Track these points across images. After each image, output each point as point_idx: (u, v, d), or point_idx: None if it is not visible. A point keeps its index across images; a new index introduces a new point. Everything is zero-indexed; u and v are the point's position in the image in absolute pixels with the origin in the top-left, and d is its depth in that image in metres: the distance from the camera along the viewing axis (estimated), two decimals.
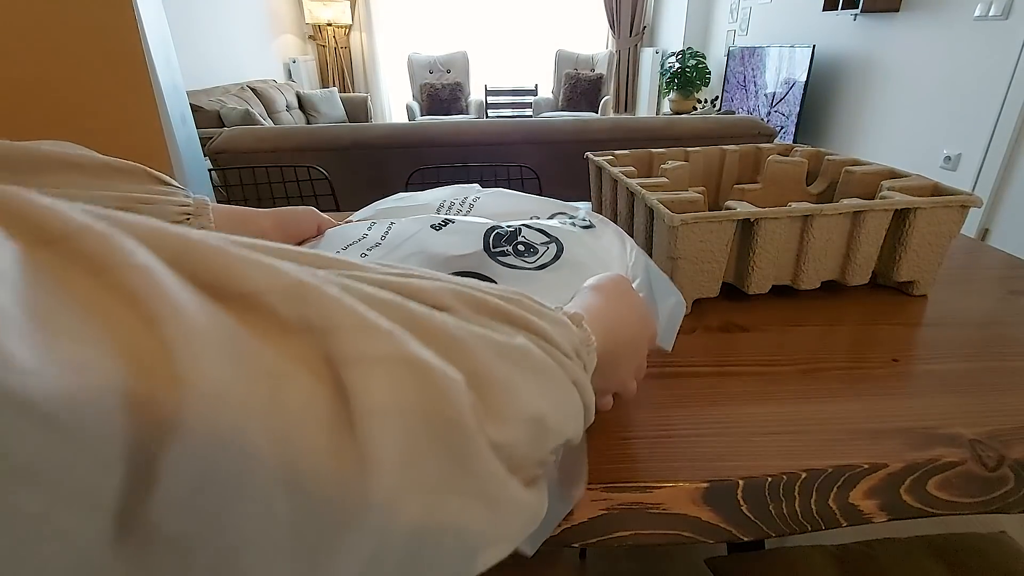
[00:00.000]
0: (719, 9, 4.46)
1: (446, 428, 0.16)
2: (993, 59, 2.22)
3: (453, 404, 0.17)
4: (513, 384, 0.20)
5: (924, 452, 0.37)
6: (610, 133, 1.85)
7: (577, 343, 0.25)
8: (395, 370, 0.16)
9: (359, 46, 5.34)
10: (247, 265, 0.14)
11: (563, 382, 0.23)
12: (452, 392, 0.17)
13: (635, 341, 0.34)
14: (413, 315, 0.18)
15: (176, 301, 0.12)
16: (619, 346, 0.32)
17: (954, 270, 0.65)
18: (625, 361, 0.33)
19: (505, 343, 0.20)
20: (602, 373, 0.30)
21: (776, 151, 0.79)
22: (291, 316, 0.14)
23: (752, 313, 0.56)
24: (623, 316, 0.33)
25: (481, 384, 0.18)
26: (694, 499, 0.35)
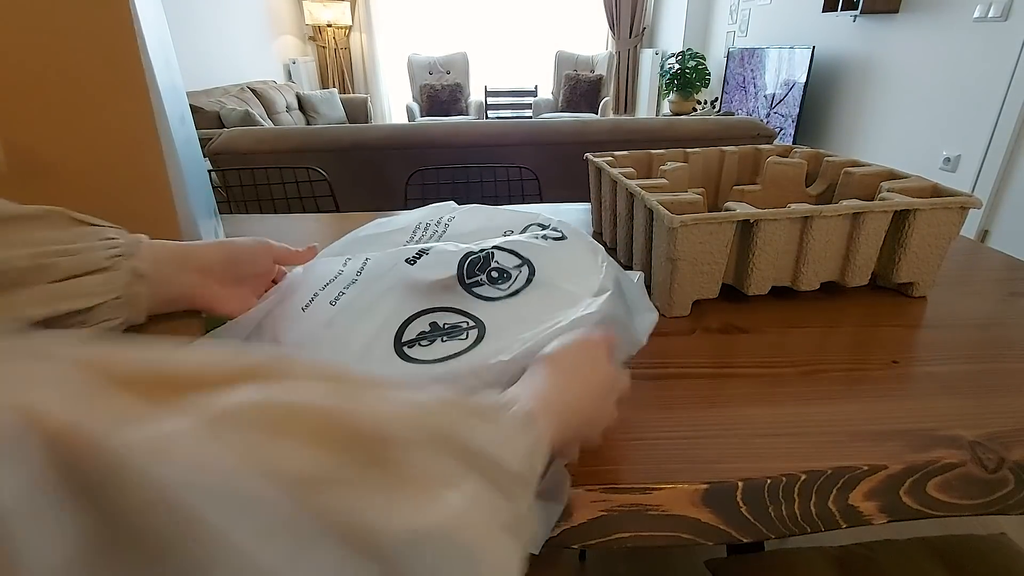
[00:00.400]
0: (719, 10, 4.46)
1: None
2: (992, 60, 2.23)
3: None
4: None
5: (924, 454, 0.37)
6: (610, 134, 1.85)
7: (528, 450, 0.25)
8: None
9: (359, 47, 5.35)
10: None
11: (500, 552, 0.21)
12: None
13: (597, 412, 0.34)
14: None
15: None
16: (580, 424, 0.32)
17: (954, 272, 0.65)
18: (587, 430, 0.33)
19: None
20: (561, 449, 0.31)
21: (775, 152, 0.79)
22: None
23: (752, 314, 0.56)
24: (582, 392, 0.32)
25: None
26: (693, 501, 0.35)
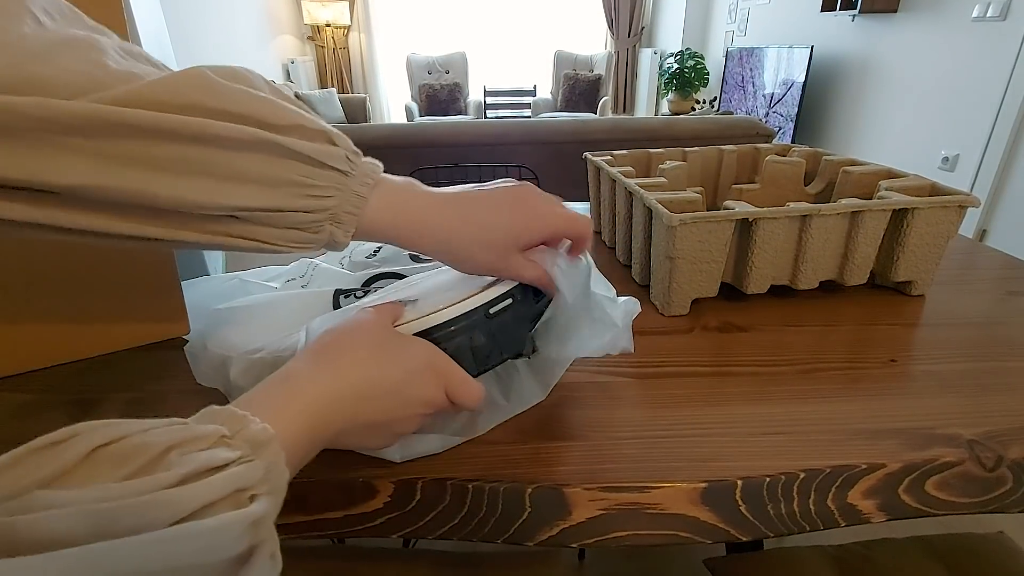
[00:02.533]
0: (717, 10, 4.46)
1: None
2: (991, 60, 2.23)
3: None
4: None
5: (922, 452, 0.37)
6: (609, 133, 1.85)
7: (252, 480, 0.21)
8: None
9: (358, 47, 5.34)
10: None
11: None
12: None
13: (383, 415, 0.30)
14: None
15: None
16: (358, 431, 0.30)
17: (952, 270, 0.66)
18: (370, 438, 0.32)
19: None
20: (358, 441, 0.31)
21: (774, 151, 0.79)
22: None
23: (750, 313, 0.56)
24: (360, 390, 0.29)
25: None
26: (692, 499, 0.35)
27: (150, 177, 0.26)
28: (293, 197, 0.29)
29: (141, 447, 0.20)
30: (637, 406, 0.42)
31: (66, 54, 0.25)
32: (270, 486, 0.22)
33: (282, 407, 0.26)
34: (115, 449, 0.19)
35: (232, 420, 0.23)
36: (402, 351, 0.32)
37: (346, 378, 0.29)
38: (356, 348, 0.31)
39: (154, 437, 0.20)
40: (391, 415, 0.31)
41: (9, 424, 0.41)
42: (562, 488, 0.35)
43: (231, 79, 0.28)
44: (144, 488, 0.18)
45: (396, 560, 0.56)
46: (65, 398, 0.43)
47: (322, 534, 0.36)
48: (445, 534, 0.36)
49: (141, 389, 0.44)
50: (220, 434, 0.22)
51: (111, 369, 0.47)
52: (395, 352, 0.31)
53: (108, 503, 0.18)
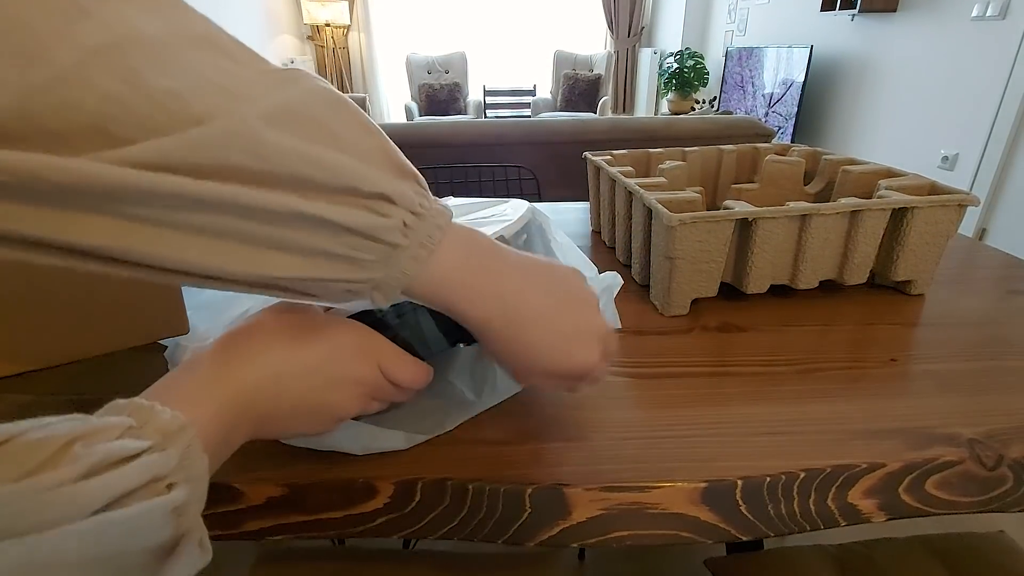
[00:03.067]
0: (717, 9, 4.46)
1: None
2: (990, 59, 2.23)
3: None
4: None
5: (923, 452, 0.37)
6: (608, 133, 1.85)
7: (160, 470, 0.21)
8: None
9: (357, 46, 5.34)
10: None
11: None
12: None
13: (314, 397, 0.29)
14: None
15: None
16: (287, 415, 0.29)
17: (952, 270, 0.66)
18: (305, 422, 0.30)
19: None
20: (292, 426, 0.29)
21: (774, 151, 0.79)
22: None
23: (750, 313, 0.56)
24: (265, 369, 0.28)
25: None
26: (692, 499, 0.35)
27: (182, 243, 0.23)
28: (334, 269, 0.26)
29: (39, 443, 0.19)
30: (637, 406, 0.42)
31: (98, 64, 0.20)
32: (187, 474, 0.22)
33: (191, 394, 0.25)
34: (10, 448, 0.18)
35: (139, 411, 0.22)
36: (323, 329, 0.30)
37: (259, 358, 0.28)
38: (269, 330, 0.29)
39: (53, 431, 0.19)
40: (321, 396, 0.29)
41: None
42: (562, 488, 0.35)
43: (301, 121, 0.24)
44: (44, 484, 0.18)
45: (396, 561, 0.56)
46: (65, 399, 0.43)
47: (322, 535, 0.36)
48: (445, 535, 0.36)
49: (140, 390, 0.44)
50: (127, 425, 0.21)
51: (111, 369, 0.47)
52: (315, 330, 0.30)
53: (5, 504, 0.17)
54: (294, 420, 0.30)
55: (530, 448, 0.38)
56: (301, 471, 0.36)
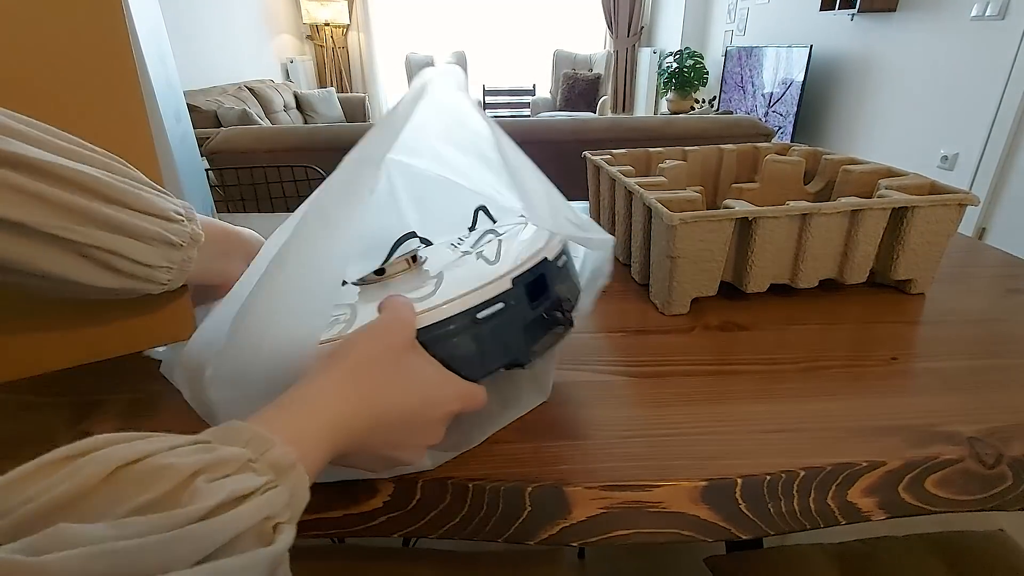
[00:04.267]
0: (716, 9, 4.46)
1: None
2: (990, 59, 2.23)
3: None
4: None
5: (923, 450, 0.37)
6: (608, 133, 1.85)
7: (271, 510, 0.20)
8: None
9: (357, 46, 5.34)
10: None
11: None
12: None
13: (407, 434, 0.30)
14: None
15: None
16: (378, 448, 0.29)
17: (952, 269, 0.66)
18: (391, 454, 0.30)
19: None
20: (358, 464, 0.29)
21: (774, 150, 0.79)
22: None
23: (751, 312, 0.56)
24: (385, 406, 0.28)
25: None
26: (693, 498, 0.35)
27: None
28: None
29: (166, 470, 0.18)
30: (637, 405, 0.42)
31: None
32: (292, 512, 0.21)
33: (304, 427, 0.25)
34: (139, 470, 0.18)
35: (256, 441, 0.22)
36: (421, 375, 0.30)
37: (367, 400, 0.27)
38: (380, 368, 0.28)
39: (180, 459, 0.19)
40: (398, 445, 0.30)
41: (9, 425, 0.40)
42: (563, 487, 0.35)
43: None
44: (172, 523, 0.17)
45: (396, 559, 0.56)
46: (65, 399, 0.43)
47: (322, 533, 0.36)
48: (445, 533, 0.36)
49: (141, 390, 0.44)
50: (246, 458, 0.21)
51: (111, 370, 0.47)
52: (415, 377, 0.30)
53: (132, 541, 0.16)
54: (366, 462, 0.30)
55: (531, 447, 0.38)
56: None
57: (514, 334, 0.34)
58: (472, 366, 0.33)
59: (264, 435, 0.22)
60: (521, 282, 0.34)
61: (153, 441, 0.20)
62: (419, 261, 0.43)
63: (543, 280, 0.36)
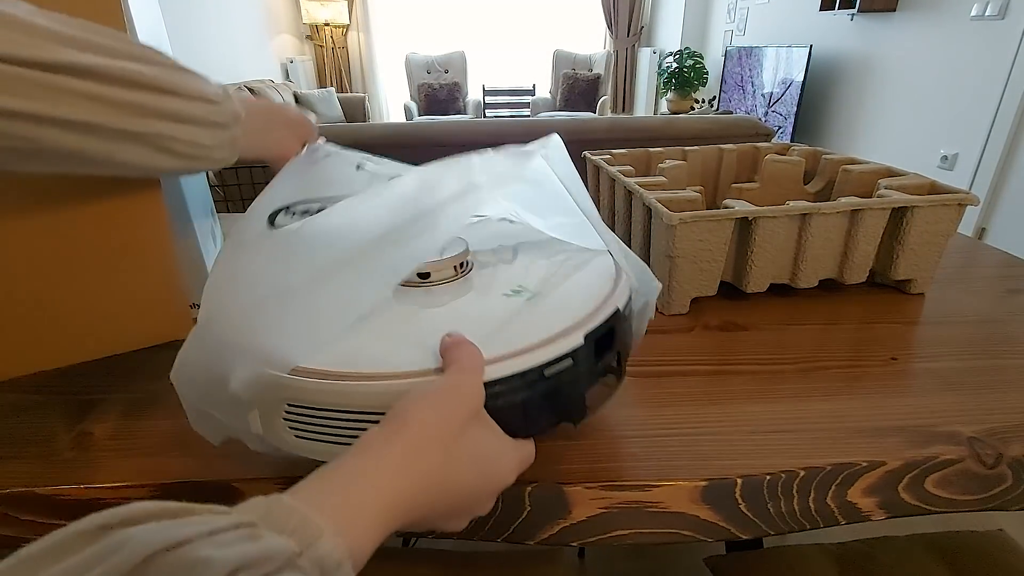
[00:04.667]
0: (716, 9, 4.46)
1: None
2: (990, 59, 2.23)
3: None
4: None
5: (922, 450, 0.37)
6: (608, 133, 1.85)
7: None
8: None
9: (356, 46, 5.33)
10: None
11: None
12: None
13: (466, 506, 0.28)
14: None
15: None
16: (435, 520, 0.27)
17: (952, 269, 0.66)
18: (442, 525, 0.28)
19: None
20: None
21: (774, 150, 0.79)
22: None
23: (750, 312, 0.56)
24: (453, 483, 0.26)
25: None
26: (693, 498, 0.35)
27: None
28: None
29: (203, 566, 0.17)
30: (637, 405, 0.42)
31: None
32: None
33: (358, 512, 0.22)
34: (175, 560, 0.17)
35: (304, 530, 0.20)
36: (483, 449, 0.28)
37: (427, 480, 0.25)
38: (443, 443, 0.26)
39: (218, 552, 0.17)
40: (448, 517, 0.28)
41: (8, 424, 0.40)
42: (562, 487, 0.35)
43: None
44: None
45: (395, 559, 0.56)
46: (64, 399, 0.43)
47: None
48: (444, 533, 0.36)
49: (141, 390, 0.44)
50: (290, 552, 0.19)
51: (110, 370, 0.47)
52: (478, 452, 0.27)
53: None
54: (421, 529, 0.28)
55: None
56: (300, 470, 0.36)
57: (576, 392, 0.32)
58: (527, 425, 0.31)
59: (314, 522, 0.20)
60: (592, 337, 0.31)
61: (193, 523, 0.18)
62: (466, 269, 0.39)
63: (612, 334, 0.33)
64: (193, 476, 0.35)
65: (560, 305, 0.34)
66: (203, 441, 0.33)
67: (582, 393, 0.32)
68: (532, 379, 0.29)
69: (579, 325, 0.31)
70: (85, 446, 0.38)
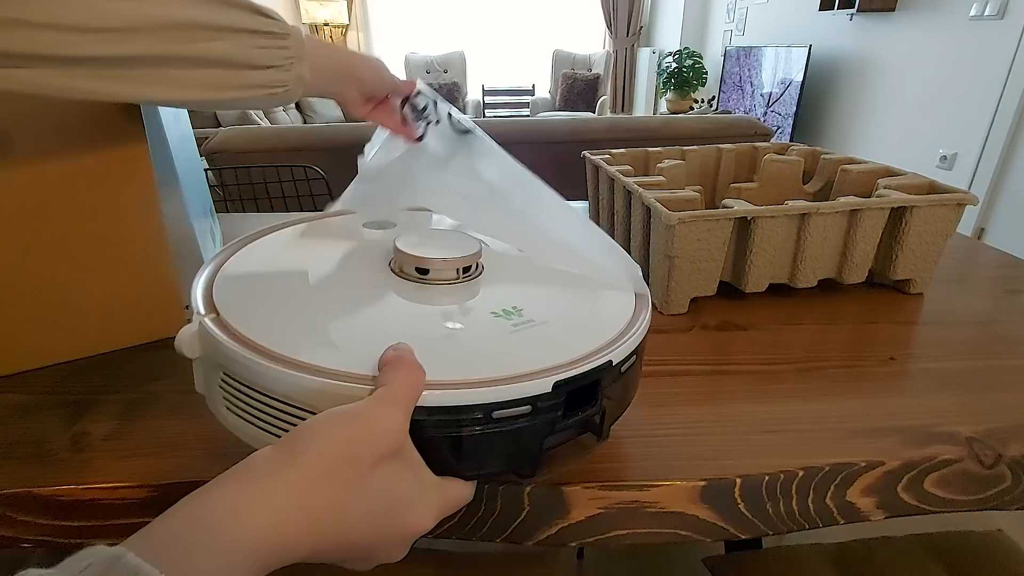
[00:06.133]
0: (715, 9, 4.46)
1: None
2: (989, 58, 2.23)
3: None
4: None
5: (921, 450, 0.37)
6: (607, 133, 1.85)
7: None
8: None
9: (356, 46, 5.33)
10: None
11: None
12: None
13: (373, 546, 0.24)
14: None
15: None
16: (341, 559, 0.23)
17: (950, 269, 0.66)
18: (342, 560, 0.24)
19: None
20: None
21: (772, 150, 0.79)
22: None
23: (749, 312, 0.56)
24: (349, 520, 0.22)
25: None
26: (691, 498, 0.35)
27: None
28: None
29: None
30: (636, 405, 0.42)
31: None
32: None
33: (221, 559, 0.18)
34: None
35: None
36: (397, 491, 0.24)
37: (318, 525, 0.21)
38: (347, 480, 0.22)
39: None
40: (343, 562, 0.24)
41: (3, 425, 0.40)
42: (561, 487, 0.35)
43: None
44: None
45: None
46: (61, 399, 0.43)
47: None
48: (443, 533, 0.36)
49: (139, 390, 0.44)
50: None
51: (106, 370, 0.47)
52: (389, 494, 0.23)
53: None
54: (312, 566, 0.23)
55: None
56: None
57: (530, 444, 0.27)
58: (463, 467, 0.27)
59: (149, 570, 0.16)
60: (565, 388, 0.27)
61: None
62: (472, 274, 0.36)
63: (594, 389, 0.29)
64: (191, 476, 0.35)
65: (546, 341, 0.30)
66: (200, 441, 0.33)
67: (537, 447, 0.28)
68: (477, 418, 0.25)
69: (553, 370, 0.27)
70: (81, 447, 0.38)
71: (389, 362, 0.25)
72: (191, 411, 0.41)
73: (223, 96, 0.35)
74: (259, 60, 0.36)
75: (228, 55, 0.34)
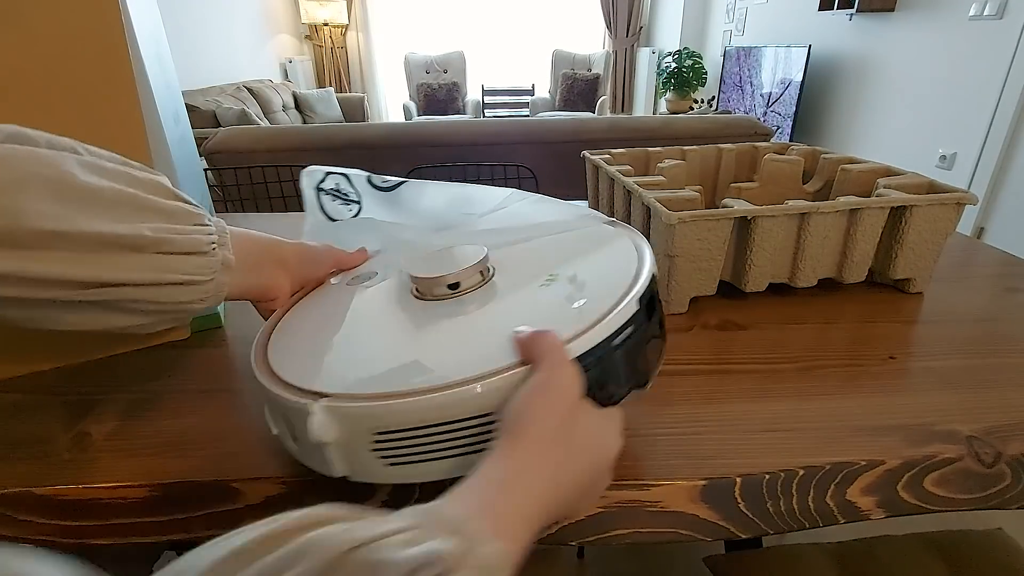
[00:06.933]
0: (715, 9, 4.47)
1: None
2: (988, 58, 2.23)
3: None
4: None
5: (921, 449, 0.37)
6: (607, 132, 1.85)
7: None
8: None
9: (355, 46, 5.34)
10: None
11: None
12: None
13: (590, 488, 0.29)
14: None
15: None
16: (562, 510, 0.27)
17: (950, 268, 0.66)
18: (571, 510, 0.29)
19: None
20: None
21: (773, 150, 0.79)
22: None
23: (749, 311, 0.56)
24: (570, 473, 0.27)
25: None
26: (692, 497, 0.35)
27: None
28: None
29: (384, 567, 0.17)
30: (636, 404, 0.42)
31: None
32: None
33: (507, 521, 0.23)
34: (357, 561, 0.17)
35: (467, 534, 0.20)
36: (594, 429, 0.29)
37: (560, 474, 0.26)
38: (563, 435, 0.26)
39: (397, 554, 0.18)
40: (581, 500, 0.29)
41: (5, 424, 0.40)
42: None
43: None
44: None
45: None
46: (63, 399, 0.43)
47: None
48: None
49: (141, 390, 0.44)
50: (458, 554, 0.19)
51: (110, 370, 0.47)
52: (590, 433, 0.28)
53: None
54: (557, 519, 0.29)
55: None
56: (299, 469, 0.36)
57: (642, 354, 0.33)
58: (613, 393, 0.32)
59: (476, 527, 0.21)
60: (643, 301, 0.33)
61: (367, 525, 0.19)
62: (490, 274, 0.40)
63: (655, 296, 0.35)
64: (192, 476, 0.35)
65: (598, 280, 0.36)
66: (201, 441, 0.33)
67: (645, 354, 0.34)
68: (606, 350, 0.30)
69: (628, 292, 0.33)
70: (84, 446, 0.38)
71: (527, 340, 0.29)
72: (192, 411, 0.41)
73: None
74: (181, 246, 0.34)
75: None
